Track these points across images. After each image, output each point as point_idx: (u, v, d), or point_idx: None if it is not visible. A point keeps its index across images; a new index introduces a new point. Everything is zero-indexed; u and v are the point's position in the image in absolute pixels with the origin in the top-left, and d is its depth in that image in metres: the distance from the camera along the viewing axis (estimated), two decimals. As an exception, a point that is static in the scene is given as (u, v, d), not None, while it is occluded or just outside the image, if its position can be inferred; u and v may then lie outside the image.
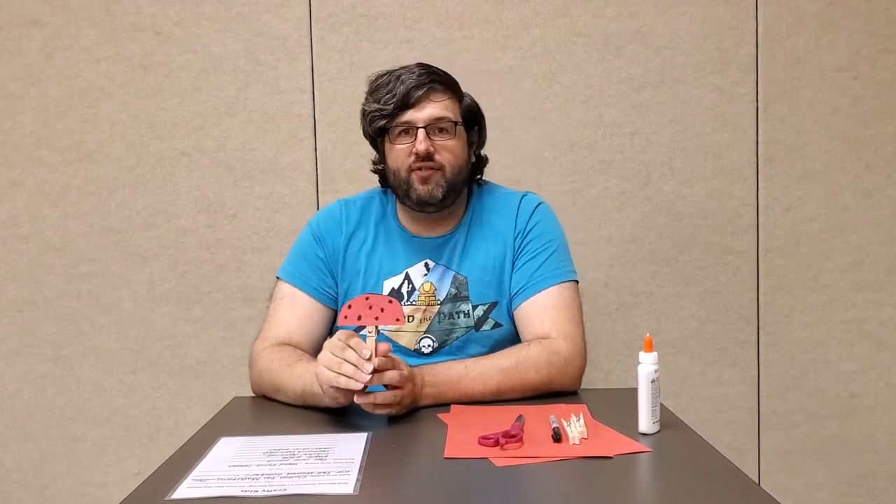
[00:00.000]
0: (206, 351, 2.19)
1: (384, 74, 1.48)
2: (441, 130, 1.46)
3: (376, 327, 1.25)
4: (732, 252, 2.19)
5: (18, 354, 2.20)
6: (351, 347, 1.22)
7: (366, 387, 1.21)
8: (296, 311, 1.52)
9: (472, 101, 1.55)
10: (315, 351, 1.50)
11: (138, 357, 2.19)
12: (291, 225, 2.16)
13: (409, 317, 1.51)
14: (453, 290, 1.52)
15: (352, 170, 2.15)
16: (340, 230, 1.56)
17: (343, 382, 1.20)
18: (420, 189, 1.47)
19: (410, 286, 1.52)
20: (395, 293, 1.52)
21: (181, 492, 1.00)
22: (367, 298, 1.26)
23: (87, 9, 2.15)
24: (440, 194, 1.47)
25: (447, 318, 1.51)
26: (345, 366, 1.21)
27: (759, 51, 2.16)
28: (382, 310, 1.25)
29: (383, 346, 1.24)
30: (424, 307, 1.51)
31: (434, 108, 1.45)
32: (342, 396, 1.25)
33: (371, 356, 1.20)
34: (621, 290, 2.19)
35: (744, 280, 2.19)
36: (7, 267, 2.19)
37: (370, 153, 1.59)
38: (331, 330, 1.56)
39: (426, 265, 1.54)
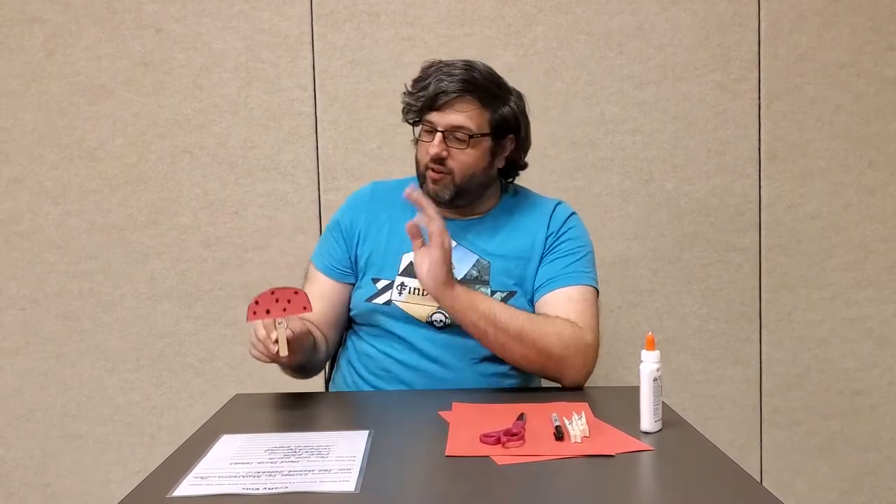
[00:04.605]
0: (208, 349, 2.19)
1: (431, 66, 1.52)
2: (458, 139, 1.50)
3: (285, 319, 1.33)
4: (735, 250, 2.18)
5: (20, 352, 2.20)
6: (259, 339, 1.37)
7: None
8: (312, 291, 1.59)
9: (515, 109, 1.55)
10: (327, 326, 1.60)
11: (140, 355, 2.19)
12: (293, 222, 2.16)
13: (423, 291, 1.52)
14: (474, 273, 1.54)
15: (353, 167, 2.14)
16: (366, 207, 1.64)
17: (261, 359, 1.40)
18: (430, 187, 1.53)
19: None
20: (412, 266, 1.54)
21: (183, 489, 1.00)
22: (272, 293, 1.32)
23: (89, 6, 2.14)
24: (447, 196, 1.53)
25: None
26: (259, 346, 1.38)
27: (762, 47, 2.15)
28: (289, 301, 1.33)
29: (297, 326, 1.35)
30: None
31: (456, 116, 1.49)
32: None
33: (279, 350, 1.33)
34: (623, 287, 2.19)
35: (746, 278, 2.19)
36: (8, 265, 2.19)
37: (371, 150, 1.60)
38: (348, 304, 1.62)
39: None
